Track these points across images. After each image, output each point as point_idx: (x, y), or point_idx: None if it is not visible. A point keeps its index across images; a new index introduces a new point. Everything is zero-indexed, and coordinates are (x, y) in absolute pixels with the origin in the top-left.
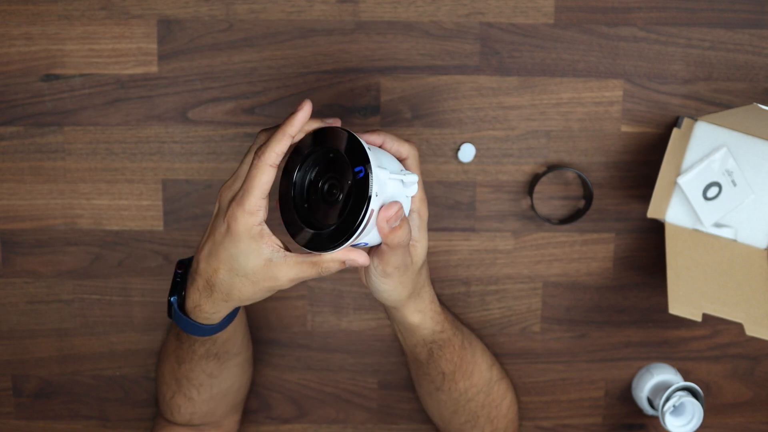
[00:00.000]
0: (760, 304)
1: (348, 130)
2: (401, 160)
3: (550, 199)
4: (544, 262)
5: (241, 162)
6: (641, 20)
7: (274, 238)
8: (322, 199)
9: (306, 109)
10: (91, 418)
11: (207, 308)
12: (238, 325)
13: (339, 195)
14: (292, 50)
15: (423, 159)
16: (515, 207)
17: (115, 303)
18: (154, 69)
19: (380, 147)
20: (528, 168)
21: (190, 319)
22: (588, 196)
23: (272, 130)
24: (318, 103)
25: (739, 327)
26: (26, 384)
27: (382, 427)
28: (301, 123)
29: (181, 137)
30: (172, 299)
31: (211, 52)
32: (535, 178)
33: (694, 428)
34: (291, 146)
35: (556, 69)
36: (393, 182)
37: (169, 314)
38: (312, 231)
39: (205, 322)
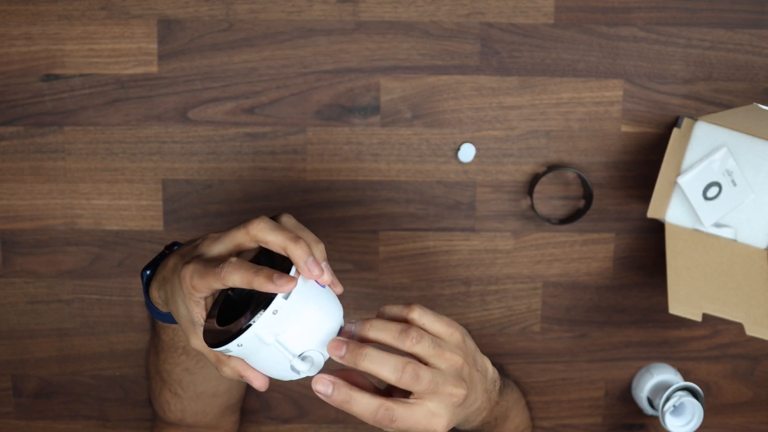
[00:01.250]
0: (760, 304)
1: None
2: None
3: (550, 199)
4: (544, 262)
5: (231, 231)
6: (641, 20)
7: (203, 313)
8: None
9: (293, 286)
10: (91, 418)
11: (154, 294)
12: None
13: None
14: (292, 50)
15: (423, 159)
16: (515, 207)
17: (115, 303)
18: (154, 69)
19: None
20: (528, 168)
21: (148, 290)
22: (588, 196)
23: (272, 230)
24: (318, 103)
25: (739, 327)
26: (26, 384)
27: None
28: (278, 290)
29: (181, 137)
30: (147, 272)
31: (211, 52)
32: (535, 178)
33: (694, 428)
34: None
35: (556, 69)
36: (273, 351)
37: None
38: (217, 327)
39: (154, 303)
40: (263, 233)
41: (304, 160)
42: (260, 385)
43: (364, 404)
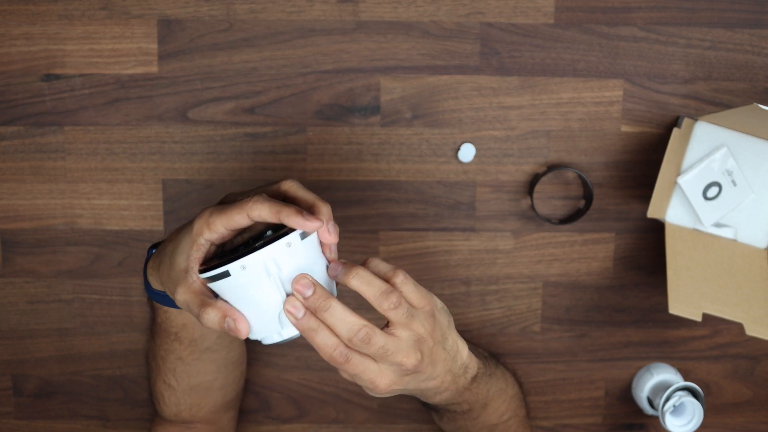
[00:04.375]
0: (760, 304)
1: (301, 230)
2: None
3: (550, 199)
4: (544, 261)
5: (259, 187)
6: (641, 20)
7: (200, 258)
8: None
9: (319, 225)
10: (91, 418)
11: (150, 265)
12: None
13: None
14: (292, 50)
15: (423, 159)
16: (515, 207)
17: (115, 303)
18: (154, 69)
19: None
20: (528, 168)
21: (147, 266)
22: (588, 196)
23: (302, 189)
24: (318, 103)
25: (739, 327)
26: (26, 384)
27: (382, 427)
28: (303, 227)
29: (181, 137)
30: (152, 250)
31: (211, 52)
32: (535, 178)
33: (694, 428)
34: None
35: (556, 69)
36: (271, 285)
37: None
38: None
39: (149, 278)
40: (295, 189)
41: (304, 160)
42: (243, 328)
43: (327, 338)
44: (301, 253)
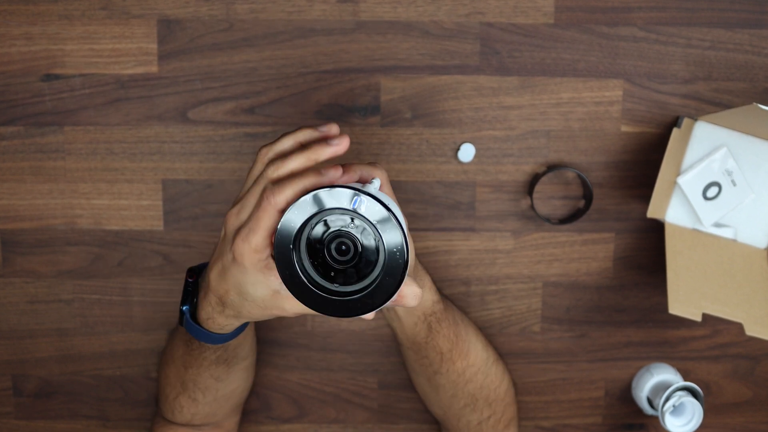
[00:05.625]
0: (760, 304)
1: (385, 205)
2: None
3: (550, 199)
4: (544, 262)
5: (245, 187)
6: (641, 20)
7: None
8: (329, 261)
9: (335, 129)
10: (91, 418)
11: (220, 321)
12: (248, 330)
13: (353, 261)
14: (292, 50)
15: (423, 159)
16: (515, 207)
17: (115, 303)
18: (154, 69)
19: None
20: (528, 168)
21: (203, 328)
22: (588, 196)
23: (275, 145)
24: (318, 103)
25: (739, 327)
26: (26, 384)
27: (382, 427)
28: (329, 181)
29: (181, 137)
30: (184, 308)
31: (211, 52)
32: (535, 178)
33: (694, 428)
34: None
35: (556, 69)
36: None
37: (181, 322)
38: (319, 292)
39: (218, 332)
40: (281, 145)
41: None
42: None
43: None
44: (375, 195)
